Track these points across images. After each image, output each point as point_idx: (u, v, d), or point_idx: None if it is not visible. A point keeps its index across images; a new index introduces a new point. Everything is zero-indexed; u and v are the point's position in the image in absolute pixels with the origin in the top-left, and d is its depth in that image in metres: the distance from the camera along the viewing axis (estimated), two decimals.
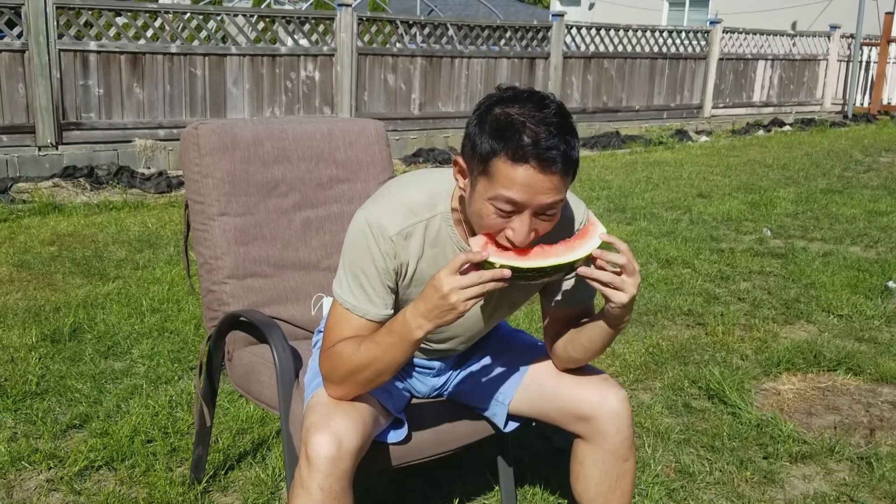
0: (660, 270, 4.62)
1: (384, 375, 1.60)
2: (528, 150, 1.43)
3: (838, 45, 13.90)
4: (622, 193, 6.92)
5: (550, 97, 1.50)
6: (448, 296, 1.45)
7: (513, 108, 1.47)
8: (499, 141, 1.45)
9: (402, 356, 1.57)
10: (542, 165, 1.44)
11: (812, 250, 5.15)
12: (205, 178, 2.17)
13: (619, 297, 1.54)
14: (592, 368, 1.84)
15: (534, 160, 1.43)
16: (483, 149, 1.47)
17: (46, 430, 2.65)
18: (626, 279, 1.54)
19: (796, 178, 7.90)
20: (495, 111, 1.49)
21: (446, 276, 1.45)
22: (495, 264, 1.47)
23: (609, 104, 11.06)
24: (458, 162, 1.56)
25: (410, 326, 1.51)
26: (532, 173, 1.44)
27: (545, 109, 1.46)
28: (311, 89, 8.41)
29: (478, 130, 1.49)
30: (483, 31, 9.61)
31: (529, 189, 1.45)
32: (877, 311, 3.96)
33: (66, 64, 6.98)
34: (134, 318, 3.65)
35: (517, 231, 1.49)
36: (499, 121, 1.47)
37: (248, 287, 2.17)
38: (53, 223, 5.42)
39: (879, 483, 2.47)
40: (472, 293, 1.45)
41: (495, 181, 1.46)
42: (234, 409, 2.81)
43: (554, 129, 1.45)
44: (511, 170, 1.44)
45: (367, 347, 1.58)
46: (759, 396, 3.07)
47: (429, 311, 1.48)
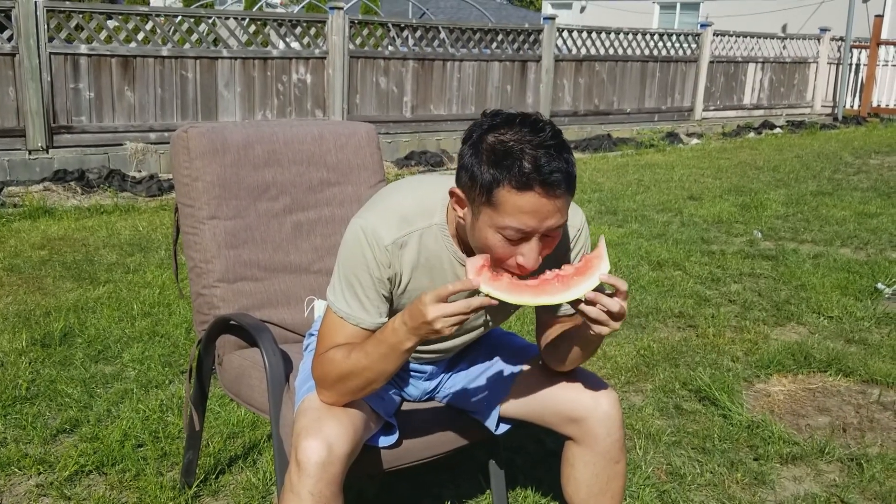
0: (651, 272, 4.63)
1: (375, 384, 1.60)
2: (532, 176, 1.43)
3: (828, 48, 13.97)
4: (613, 196, 6.94)
5: (542, 118, 1.50)
6: (433, 322, 1.46)
7: (507, 135, 1.47)
8: (500, 170, 1.45)
9: (391, 366, 1.57)
10: (548, 190, 1.44)
11: (802, 252, 5.17)
12: (195, 182, 2.16)
13: (601, 331, 1.54)
14: (584, 371, 1.84)
15: (539, 186, 1.43)
16: (484, 179, 1.46)
17: (36, 434, 2.64)
18: (611, 322, 1.52)
19: (786, 181, 7.93)
20: (489, 139, 1.48)
21: (432, 303, 1.45)
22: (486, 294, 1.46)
23: (600, 107, 11.09)
24: (455, 193, 1.55)
25: (399, 337, 1.52)
26: (538, 199, 1.44)
27: (541, 133, 1.46)
28: (303, 92, 8.40)
29: (475, 161, 1.48)
30: (475, 35, 9.62)
31: (537, 215, 1.45)
32: (866, 313, 3.98)
33: (57, 67, 6.96)
34: (124, 322, 3.64)
35: (527, 257, 1.49)
36: (495, 150, 1.46)
37: (239, 291, 2.17)
38: (44, 227, 5.40)
39: (869, 484, 2.49)
40: (458, 319, 1.46)
41: (502, 211, 1.46)
42: (224, 413, 2.81)
43: (553, 150, 1.45)
44: (517, 198, 1.44)
45: (356, 356, 1.58)
46: (749, 398, 3.08)
47: (415, 328, 1.49)
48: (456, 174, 1.56)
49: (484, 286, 1.45)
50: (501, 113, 1.52)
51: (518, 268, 1.52)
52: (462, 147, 1.54)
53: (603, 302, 1.50)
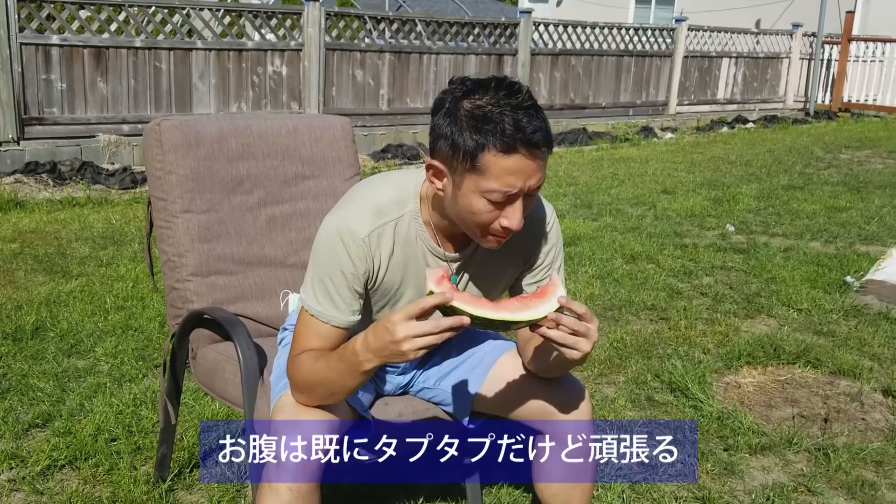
0: (624, 266, 4.67)
1: (339, 395, 1.60)
2: (517, 137, 1.45)
3: (800, 44, 14.12)
4: (588, 190, 6.98)
5: (515, 80, 1.51)
6: (401, 343, 1.41)
7: (483, 99, 1.48)
8: (482, 135, 1.45)
9: (352, 383, 1.56)
10: (531, 149, 1.46)
11: (773, 246, 5.24)
12: (168, 175, 2.16)
13: (571, 355, 1.53)
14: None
15: (523, 147, 1.46)
16: (467, 146, 1.47)
17: (8, 429, 2.62)
18: (579, 341, 1.51)
19: (759, 175, 8.02)
20: (465, 105, 1.49)
21: (401, 321, 1.40)
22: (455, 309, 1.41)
23: (576, 101, 11.13)
24: (433, 165, 1.54)
25: (359, 358, 1.49)
26: (523, 160, 1.46)
27: (517, 95, 1.48)
28: (279, 84, 8.36)
29: (454, 129, 1.48)
30: (451, 28, 9.62)
31: (522, 174, 1.47)
32: (835, 306, 4.05)
33: (28, 58, 6.87)
34: (97, 316, 3.61)
35: (512, 217, 1.51)
36: (474, 115, 1.47)
37: (213, 284, 2.17)
38: (15, 220, 5.34)
39: (836, 473, 2.54)
40: (426, 342, 1.40)
41: (487, 175, 1.47)
42: (199, 406, 2.80)
43: (532, 111, 1.47)
44: (503, 160, 1.46)
45: (320, 367, 1.57)
46: (720, 389, 3.13)
47: (378, 349, 1.45)
48: (430, 145, 1.55)
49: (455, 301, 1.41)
50: (470, 79, 1.52)
51: (503, 231, 1.53)
52: (435, 117, 1.53)
53: (564, 322, 1.49)
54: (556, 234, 1.77)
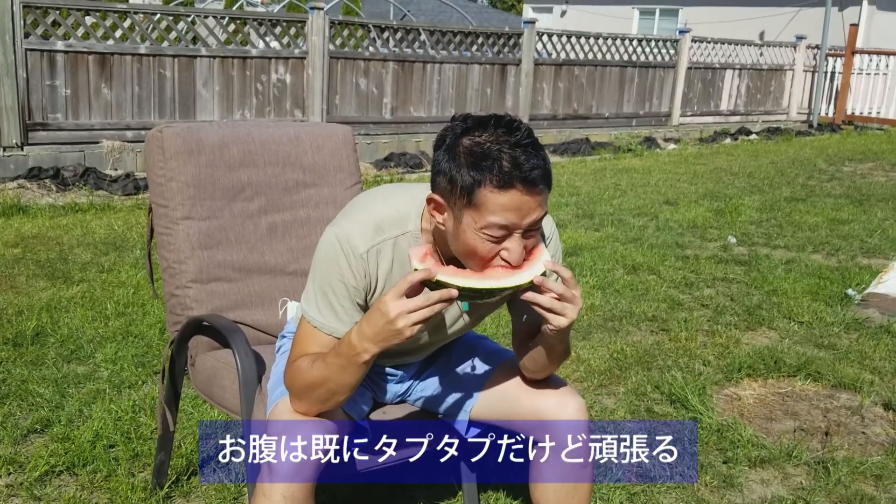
0: (625, 276, 4.67)
1: (339, 395, 1.60)
2: (513, 174, 1.45)
3: (804, 56, 14.14)
4: (591, 200, 6.98)
5: (515, 119, 1.51)
6: (395, 321, 1.44)
7: (482, 136, 1.48)
8: (479, 171, 1.46)
9: (351, 378, 1.56)
10: (528, 186, 1.46)
11: (775, 258, 5.23)
12: (169, 182, 2.16)
13: (558, 322, 1.55)
14: (554, 377, 1.86)
15: (519, 183, 1.46)
16: (465, 182, 1.47)
17: (7, 434, 2.62)
18: (565, 305, 1.54)
19: (761, 187, 8.02)
20: (464, 142, 1.49)
21: (392, 299, 1.44)
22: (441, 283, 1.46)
23: (579, 111, 11.15)
24: (434, 199, 1.55)
25: (356, 349, 1.51)
26: (520, 196, 1.46)
27: (516, 133, 1.48)
28: (282, 92, 8.38)
29: (453, 165, 1.49)
30: (455, 37, 9.64)
31: (519, 211, 1.47)
32: (836, 318, 4.04)
33: (33, 64, 6.89)
34: (98, 322, 3.61)
35: (512, 251, 1.51)
36: (473, 152, 1.47)
37: (212, 291, 2.17)
38: (17, 225, 5.35)
39: (835, 487, 2.53)
40: (420, 317, 1.44)
41: (484, 210, 1.47)
42: (197, 413, 2.80)
43: (531, 148, 1.47)
44: (499, 196, 1.46)
45: (317, 367, 1.57)
46: (720, 401, 3.12)
47: (375, 334, 1.48)
48: (432, 180, 1.56)
49: (440, 276, 1.46)
50: (472, 116, 1.53)
51: (505, 263, 1.53)
52: (436, 153, 1.54)
53: (549, 286, 1.52)
54: (555, 245, 1.77)
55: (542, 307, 1.54)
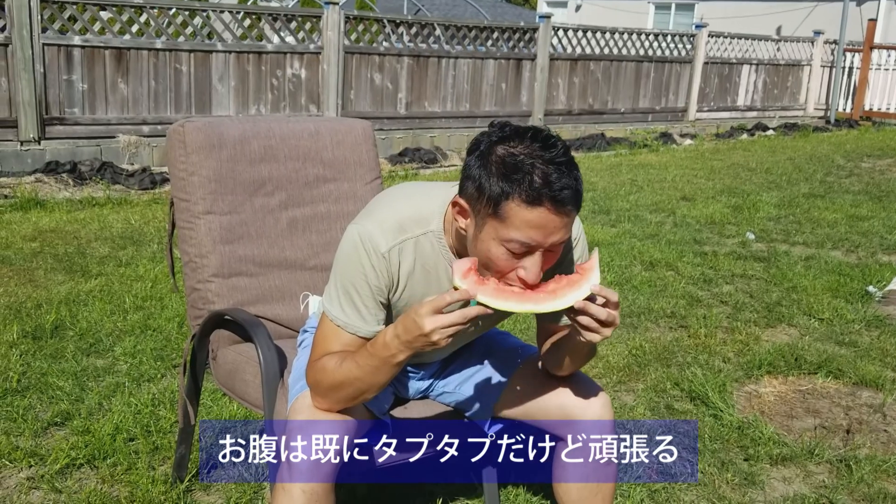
0: (643, 273, 4.65)
1: (367, 394, 1.60)
2: (543, 191, 1.42)
3: (822, 51, 14.02)
4: (607, 195, 6.95)
5: (553, 134, 1.49)
6: (430, 335, 1.44)
7: (517, 148, 1.46)
8: (510, 183, 1.43)
9: (382, 378, 1.56)
10: (557, 206, 1.43)
11: (794, 254, 5.19)
12: (191, 177, 2.16)
13: (592, 337, 1.53)
14: (578, 373, 1.84)
15: (548, 202, 1.43)
16: (493, 191, 1.45)
17: (27, 427, 2.63)
18: (602, 329, 1.52)
19: (779, 183, 7.96)
20: (498, 151, 1.46)
21: (428, 314, 1.43)
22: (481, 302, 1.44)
23: (595, 106, 11.10)
24: (459, 203, 1.53)
25: (391, 350, 1.50)
26: (546, 214, 1.43)
27: (552, 149, 1.45)
28: (297, 87, 8.38)
29: (483, 172, 1.47)
30: (470, 32, 9.61)
31: (544, 230, 1.45)
32: (857, 315, 4.00)
33: (50, 58, 6.92)
34: (116, 316, 3.63)
35: (529, 270, 1.48)
36: (505, 162, 1.45)
37: (234, 286, 2.17)
38: (35, 219, 5.38)
39: (858, 485, 2.50)
40: (454, 330, 1.44)
41: (509, 224, 1.45)
42: (217, 407, 2.80)
43: (564, 167, 1.44)
44: (526, 212, 1.43)
45: (348, 366, 1.56)
46: (740, 399, 3.10)
47: (409, 341, 1.47)
48: (460, 184, 1.54)
49: (480, 296, 1.44)
50: (510, 125, 1.50)
51: (519, 281, 1.51)
52: (468, 157, 1.52)
53: (591, 311, 1.48)
54: (582, 247, 1.75)
55: (579, 324, 1.52)
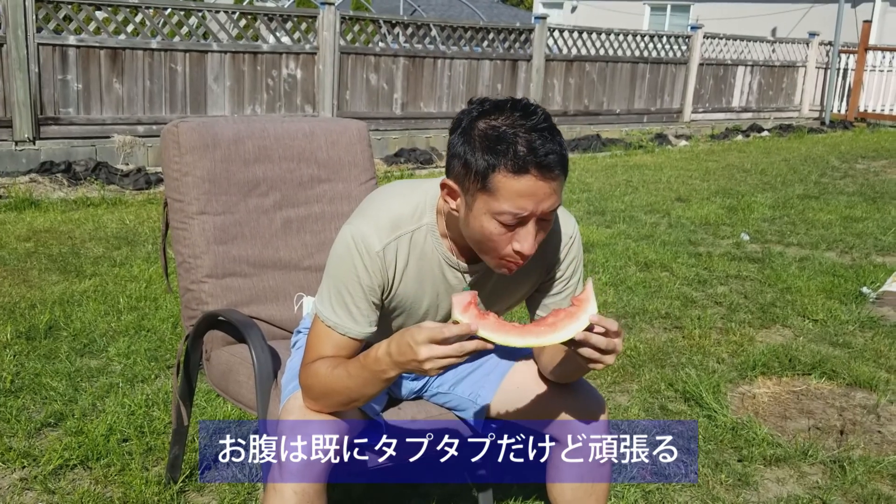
0: (638, 273, 4.65)
1: (358, 402, 1.59)
2: (528, 159, 1.42)
3: (817, 53, 14.06)
4: (602, 196, 6.96)
5: (532, 103, 1.49)
6: (423, 363, 1.41)
7: (498, 120, 1.46)
8: (494, 155, 1.44)
9: (372, 390, 1.55)
10: (543, 172, 1.44)
11: (788, 255, 5.20)
12: (185, 177, 2.16)
13: (595, 367, 1.53)
14: None
15: (535, 168, 1.43)
16: (479, 166, 1.45)
17: (20, 428, 2.62)
18: (604, 358, 1.50)
19: (774, 184, 7.98)
20: (480, 126, 1.47)
21: (425, 343, 1.40)
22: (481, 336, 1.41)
23: (590, 107, 11.11)
24: (447, 184, 1.53)
25: (381, 366, 1.48)
26: (534, 182, 1.44)
27: (533, 117, 1.45)
28: (293, 87, 8.38)
29: (468, 148, 1.47)
30: (466, 33, 9.62)
31: (534, 197, 1.45)
32: (851, 317, 4.01)
33: (45, 58, 6.91)
34: (110, 316, 3.62)
35: (524, 241, 1.48)
36: (488, 135, 1.45)
37: (227, 286, 2.16)
38: (29, 219, 5.36)
39: (851, 486, 2.51)
40: (448, 362, 1.41)
41: (498, 196, 1.45)
42: (210, 408, 2.80)
43: (547, 133, 1.45)
44: (514, 182, 1.43)
45: (339, 375, 1.55)
46: (734, 399, 3.10)
47: (400, 363, 1.45)
48: (446, 164, 1.54)
49: (481, 331, 1.41)
50: (489, 100, 1.51)
51: (516, 255, 1.51)
52: (451, 136, 1.52)
53: (592, 342, 1.47)
54: (577, 247, 1.74)
55: (581, 356, 1.50)
